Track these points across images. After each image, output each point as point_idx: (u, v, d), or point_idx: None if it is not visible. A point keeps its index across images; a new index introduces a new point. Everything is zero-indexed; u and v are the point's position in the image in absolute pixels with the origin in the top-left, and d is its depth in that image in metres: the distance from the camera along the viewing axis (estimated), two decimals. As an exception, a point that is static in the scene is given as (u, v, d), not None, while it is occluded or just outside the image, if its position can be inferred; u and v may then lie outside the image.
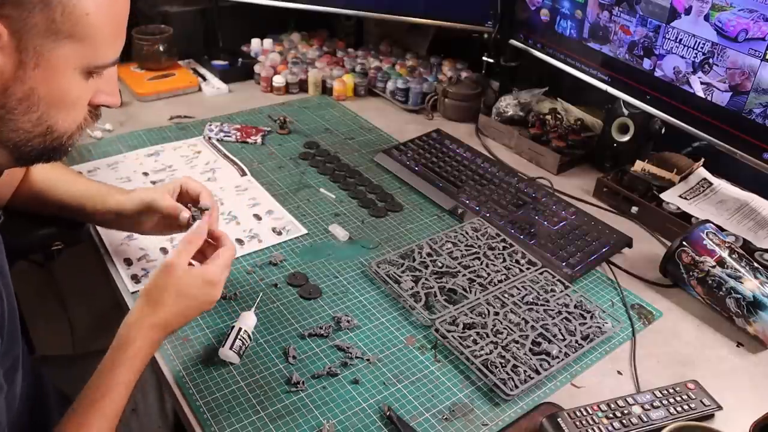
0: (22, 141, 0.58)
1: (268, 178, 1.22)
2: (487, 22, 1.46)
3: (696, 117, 1.09)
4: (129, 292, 0.91)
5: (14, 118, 0.56)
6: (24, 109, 0.56)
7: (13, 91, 0.55)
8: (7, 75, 0.54)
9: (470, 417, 0.76)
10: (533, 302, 0.93)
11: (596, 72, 1.26)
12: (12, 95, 0.55)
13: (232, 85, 1.58)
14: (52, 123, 0.59)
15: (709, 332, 0.93)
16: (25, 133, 0.58)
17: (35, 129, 0.58)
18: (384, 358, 0.83)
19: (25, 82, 0.55)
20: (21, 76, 0.54)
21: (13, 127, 0.57)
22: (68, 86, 0.58)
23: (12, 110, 0.56)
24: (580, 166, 1.35)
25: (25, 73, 0.54)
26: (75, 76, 0.58)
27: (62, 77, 0.57)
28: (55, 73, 0.56)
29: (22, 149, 0.59)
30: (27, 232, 0.97)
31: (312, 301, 0.92)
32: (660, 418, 0.75)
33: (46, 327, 1.49)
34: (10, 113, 0.56)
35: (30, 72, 0.54)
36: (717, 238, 0.96)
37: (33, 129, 0.58)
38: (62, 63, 0.56)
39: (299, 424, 0.73)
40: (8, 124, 0.56)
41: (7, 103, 0.55)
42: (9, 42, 0.52)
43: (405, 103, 1.55)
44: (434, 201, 1.18)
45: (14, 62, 0.53)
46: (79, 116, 0.62)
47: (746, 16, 0.96)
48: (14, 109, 0.56)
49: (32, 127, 0.58)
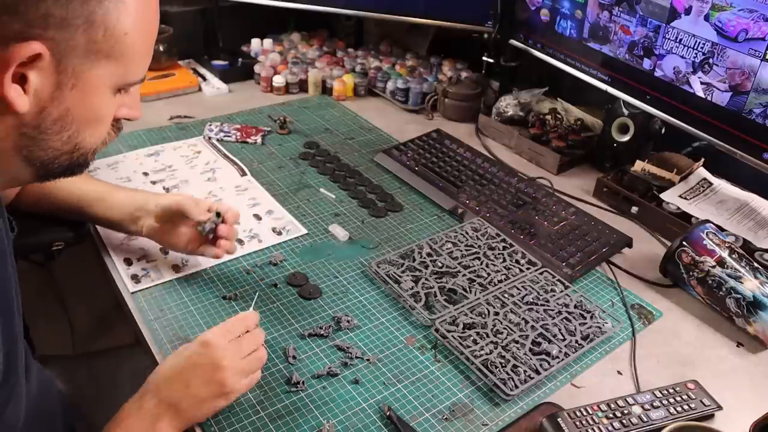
0: (50, 159, 0.57)
1: (268, 178, 1.22)
2: (487, 22, 1.46)
3: (696, 117, 1.09)
4: (129, 292, 0.91)
5: (47, 138, 0.55)
6: (58, 129, 0.55)
7: (49, 112, 0.54)
8: (45, 96, 0.53)
9: (470, 417, 0.76)
10: (533, 302, 0.93)
11: (596, 72, 1.26)
12: (48, 116, 0.54)
13: (232, 85, 1.58)
14: (80, 140, 0.58)
15: (709, 332, 0.93)
16: (54, 151, 0.57)
17: (64, 147, 0.57)
18: (384, 358, 0.83)
19: (62, 103, 0.54)
20: (58, 97, 0.53)
21: (44, 147, 0.56)
22: (100, 104, 0.57)
23: (46, 130, 0.55)
24: (580, 166, 1.35)
25: (62, 93, 0.53)
26: (107, 94, 0.58)
27: (96, 96, 0.56)
28: (90, 93, 0.55)
29: (49, 167, 0.58)
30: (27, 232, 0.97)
31: (312, 301, 0.92)
32: (660, 418, 0.75)
33: (46, 327, 1.49)
34: (44, 133, 0.55)
35: (67, 92, 0.54)
36: (717, 238, 0.96)
37: (62, 147, 0.57)
38: (98, 83, 0.55)
39: (299, 424, 0.73)
40: (40, 144, 0.56)
41: (42, 124, 0.54)
42: (49, 63, 0.51)
43: (405, 103, 1.55)
44: (434, 201, 1.18)
45: (52, 83, 0.52)
46: (105, 131, 0.61)
47: (746, 16, 0.96)
48: (48, 129, 0.55)
49: (62, 145, 0.57)
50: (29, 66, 0.50)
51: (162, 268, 0.95)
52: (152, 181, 1.17)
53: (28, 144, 0.55)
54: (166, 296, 0.91)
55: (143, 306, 0.89)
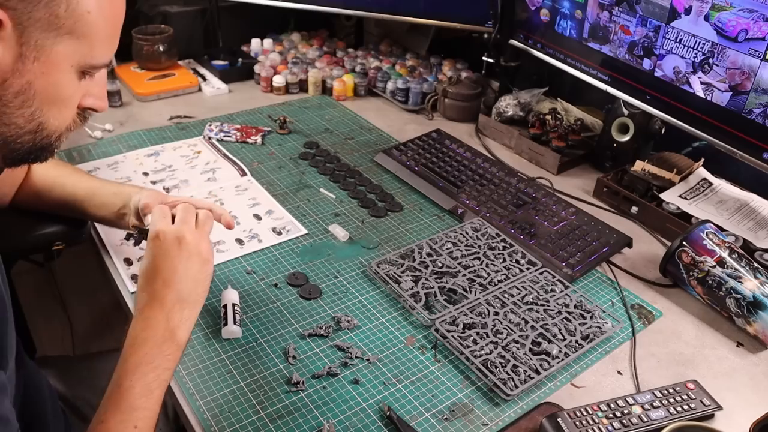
0: (13, 137, 0.59)
1: (268, 178, 1.22)
2: (487, 22, 1.46)
3: (696, 117, 1.09)
4: (129, 292, 0.91)
5: (8, 111, 0.57)
6: (19, 103, 0.57)
7: (10, 83, 0.55)
8: (6, 67, 0.54)
9: (470, 417, 0.76)
10: (533, 302, 0.93)
11: (596, 72, 1.26)
12: (9, 87, 0.55)
13: (232, 85, 1.58)
14: (43, 120, 0.59)
15: (709, 332, 0.93)
16: (17, 128, 0.58)
17: (27, 125, 0.59)
18: (384, 358, 0.83)
19: (23, 75, 0.55)
20: (20, 69, 0.55)
21: (7, 122, 0.57)
22: (63, 83, 0.59)
23: (8, 103, 0.56)
24: (580, 166, 1.35)
25: (24, 66, 0.55)
26: (70, 74, 0.59)
27: (59, 73, 0.58)
28: (52, 69, 0.57)
29: (12, 146, 0.59)
30: (27, 232, 0.97)
31: (312, 301, 0.92)
32: (660, 418, 0.75)
33: (46, 327, 1.49)
34: (6, 106, 0.56)
35: (29, 65, 0.55)
36: (717, 238, 0.96)
37: (25, 125, 0.58)
38: (61, 59, 0.57)
39: (299, 424, 0.73)
40: (2, 118, 0.57)
41: (3, 96, 0.56)
42: (11, 34, 0.53)
43: (405, 103, 1.55)
44: (434, 201, 1.18)
45: (14, 54, 0.54)
46: (69, 116, 0.62)
47: (746, 16, 0.96)
48: (10, 102, 0.56)
49: (24, 122, 0.58)
50: None
51: (162, 268, 0.95)
52: (152, 181, 1.17)
53: None
54: (166, 296, 0.90)
55: (143, 306, 0.88)
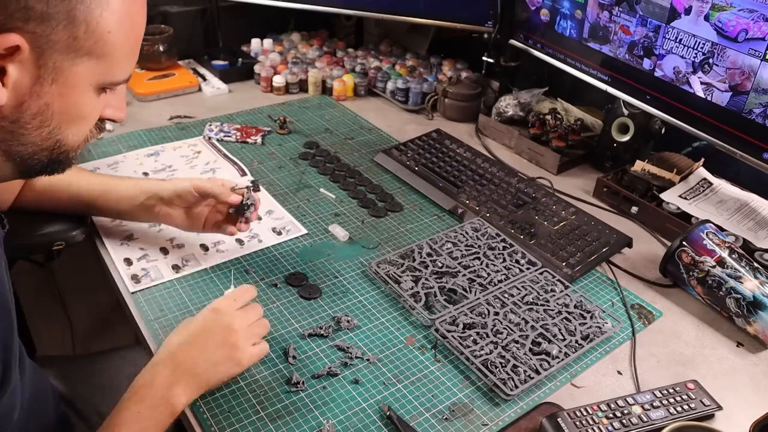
0: (30, 154, 0.58)
1: (268, 178, 1.22)
2: (487, 22, 1.46)
3: (696, 117, 1.09)
4: (129, 292, 0.91)
5: (26, 132, 0.56)
6: (37, 124, 0.56)
7: (28, 105, 0.54)
8: (24, 90, 0.53)
9: (470, 417, 0.76)
10: (533, 302, 0.93)
11: (596, 72, 1.26)
12: (27, 110, 0.55)
13: (232, 85, 1.58)
14: (62, 138, 0.59)
15: (709, 332, 0.93)
16: (33, 146, 0.58)
17: (44, 143, 0.58)
18: (384, 358, 0.83)
19: (41, 98, 0.55)
20: (37, 91, 0.54)
21: (24, 141, 0.57)
22: (83, 102, 0.58)
23: (25, 125, 0.55)
24: (580, 166, 1.35)
25: (41, 88, 0.54)
26: (89, 92, 0.58)
27: (77, 94, 0.57)
28: (71, 90, 0.56)
29: (28, 162, 0.59)
30: (27, 232, 0.97)
31: (312, 301, 0.92)
32: (660, 418, 0.75)
33: (46, 327, 1.49)
34: (23, 128, 0.56)
35: (47, 87, 0.54)
36: (717, 238, 0.96)
37: (42, 143, 0.58)
38: (79, 80, 0.56)
39: (299, 424, 0.73)
40: (19, 138, 0.56)
41: (21, 118, 0.55)
42: (29, 57, 0.52)
43: (405, 103, 1.55)
44: (434, 201, 1.18)
45: (32, 77, 0.53)
46: (87, 130, 0.62)
47: (746, 16, 0.96)
48: (27, 123, 0.55)
49: (41, 141, 0.58)
50: (8, 59, 0.51)
51: (162, 268, 0.95)
52: (152, 181, 1.17)
53: (6, 138, 0.56)
54: (166, 296, 0.91)
55: (143, 306, 0.88)
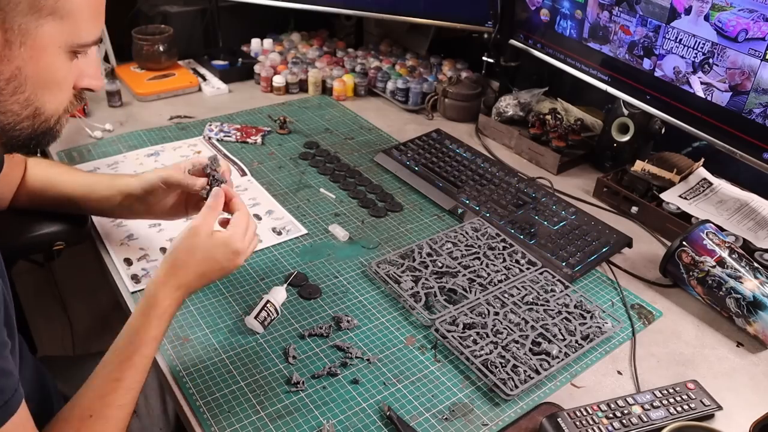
0: (11, 124, 0.59)
1: (268, 178, 1.22)
2: (487, 22, 1.46)
3: (696, 117, 1.09)
4: (129, 292, 0.91)
5: (2, 99, 0.57)
6: (12, 90, 0.57)
7: (0, 70, 0.55)
8: None
9: (470, 417, 0.76)
10: (533, 302, 0.93)
11: (596, 72, 1.26)
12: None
13: (232, 85, 1.58)
14: (39, 105, 0.59)
15: (709, 332, 0.93)
16: (13, 115, 0.58)
17: (23, 111, 0.59)
18: (384, 358, 0.83)
19: (12, 61, 0.55)
20: (7, 55, 0.55)
21: (2, 109, 0.57)
22: (54, 65, 0.59)
23: (0, 91, 0.56)
24: (580, 166, 1.35)
25: (11, 51, 0.55)
26: (60, 55, 0.59)
27: (48, 56, 0.58)
28: (40, 52, 0.57)
29: (11, 133, 0.60)
30: (27, 232, 0.97)
31: (312, 301, 0.92)
32: (660, 418, 0.75)
33: (46, 327, 1.49)
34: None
35: (16, 51, 0.55)
36: (717, 238, 0.96)
37: (21, 111, 0.58)
38: (47, 41, 0.57)
39: (299, 424, 0.73)
40: None
41: None
42: None
43: (405, 103, 1.55)
44: (434, 201, 1.18)
45: (0, 41, 0.54)
46: (65, 99, 0.63)
47: (746, 16, 0.96)
48: (2, 89, 0.56)
49: (20, 108, 0.58)
50: None
51: (162, 268, 0.95)
52: (152, 181, 1.17)
53: None
54: (166, 296, 0.90)
55: (143, 306, 0.88)
